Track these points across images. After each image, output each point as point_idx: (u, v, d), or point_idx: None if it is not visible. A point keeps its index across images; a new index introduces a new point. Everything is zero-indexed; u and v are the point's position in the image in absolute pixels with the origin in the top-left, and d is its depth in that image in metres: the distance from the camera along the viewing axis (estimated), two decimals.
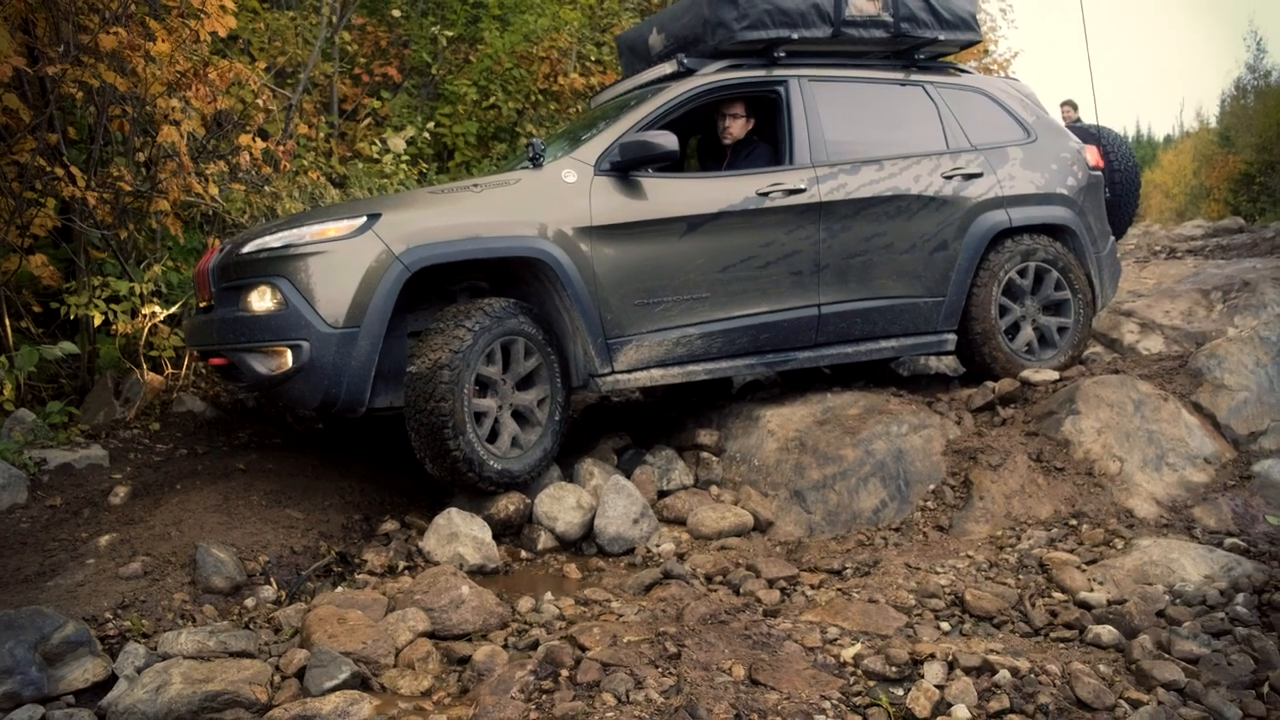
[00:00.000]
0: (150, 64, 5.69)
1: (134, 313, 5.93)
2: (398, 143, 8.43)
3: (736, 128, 5.87)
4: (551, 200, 4.93)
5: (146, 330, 5.97)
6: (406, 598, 3.84)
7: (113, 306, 5.82)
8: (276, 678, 3.37)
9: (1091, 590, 3.73)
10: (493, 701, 3.01)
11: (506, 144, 10.17)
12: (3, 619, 3.32)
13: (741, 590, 4.02)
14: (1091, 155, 6.59)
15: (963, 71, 6.54)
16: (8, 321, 5.65)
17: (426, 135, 9.10)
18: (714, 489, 5.13)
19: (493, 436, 4.76)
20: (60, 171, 5.60)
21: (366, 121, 9.57)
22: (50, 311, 5.96)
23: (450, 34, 9.84)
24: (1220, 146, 32.99)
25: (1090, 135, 8.52)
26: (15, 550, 4.30)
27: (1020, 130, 6.36)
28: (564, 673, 3.14)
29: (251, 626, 3.83)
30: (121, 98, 5.90)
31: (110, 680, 3.38)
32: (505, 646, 3.61)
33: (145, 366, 6.02)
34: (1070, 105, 10.22)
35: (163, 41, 5.67)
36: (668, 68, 5.80)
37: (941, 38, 6.12)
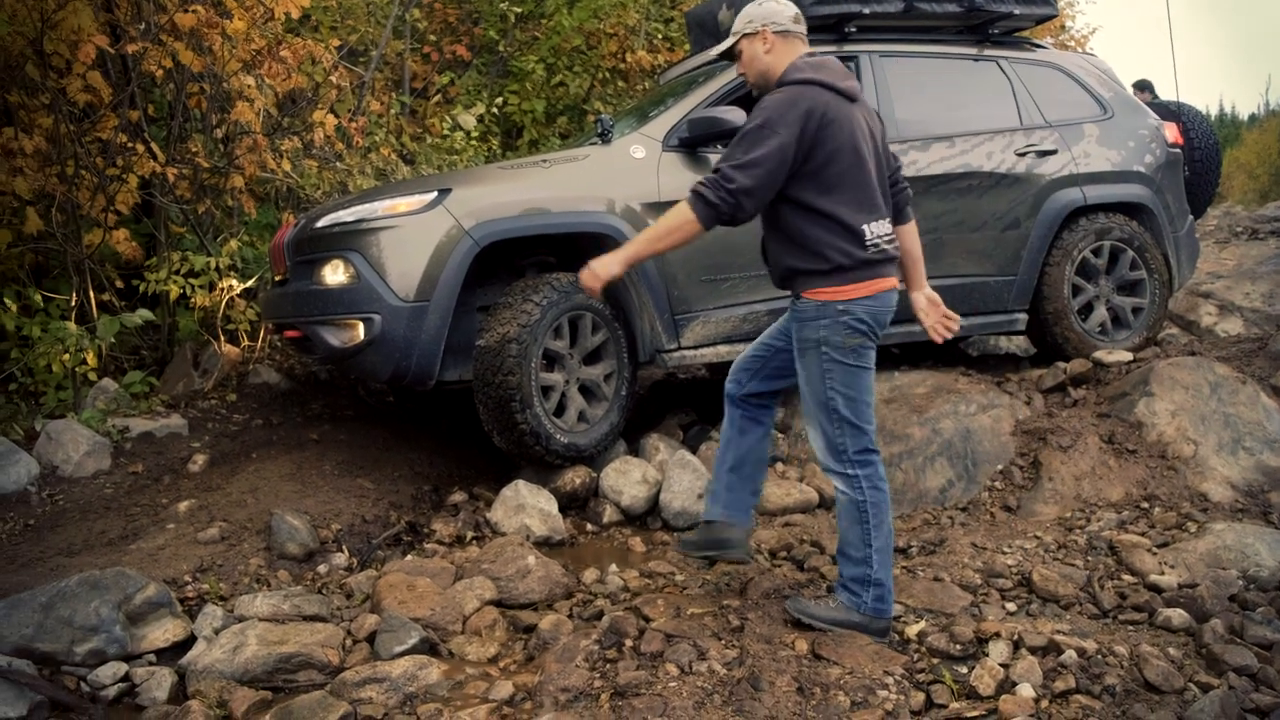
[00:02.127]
0: (226, 42, 5.80)
1: (211, 286, 6.07)
2: (468, 119, 8.50)
3: None
4: (620, 176, 4.94)
5: (224, 303, 6.11)
6: (474, 567, 3.90)
7: (191, 281, 5.96)
8: (348, 641, 3.46)
9: (1162, 573, 3.68)
10: (558, 669, 3.06)
11: (568, 120, 10.19)
12: (89, 579, 3.44)
13: (805, 566, 4.02)
14: (1170, 132, 6.44)
15: (1038, 47, 6.42)
16: (92, 294, 5.81)
17: (494, 112, 9.15)
18: (779, 466, 5.13)
19: (560, 411, 4.81)
20: (141, 148, 5.74)
21: (436, 99, 9.65)
22: (131, 286, 6.12)
23: (519, 10, 9.87)
24: None
25: (1170, 112, 8.33)
26: (100, 514, 4.45)
27: (1097, 107, 6.23)
28: (628, 642, 3.18)
29: (324, 592, 3.92)
30: (199, 76, 6.02)
31: (189, 640, 3.50)
32: (570, 616, 3.66)
33: (223, 339, 6.17)
34: (1141, 87, 9.93)
35: (239, 19, 5.77)
36: None
37: (1016, 12, 6.00)
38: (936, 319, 3.55)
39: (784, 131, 3.12)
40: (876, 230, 3.23)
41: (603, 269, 3.29)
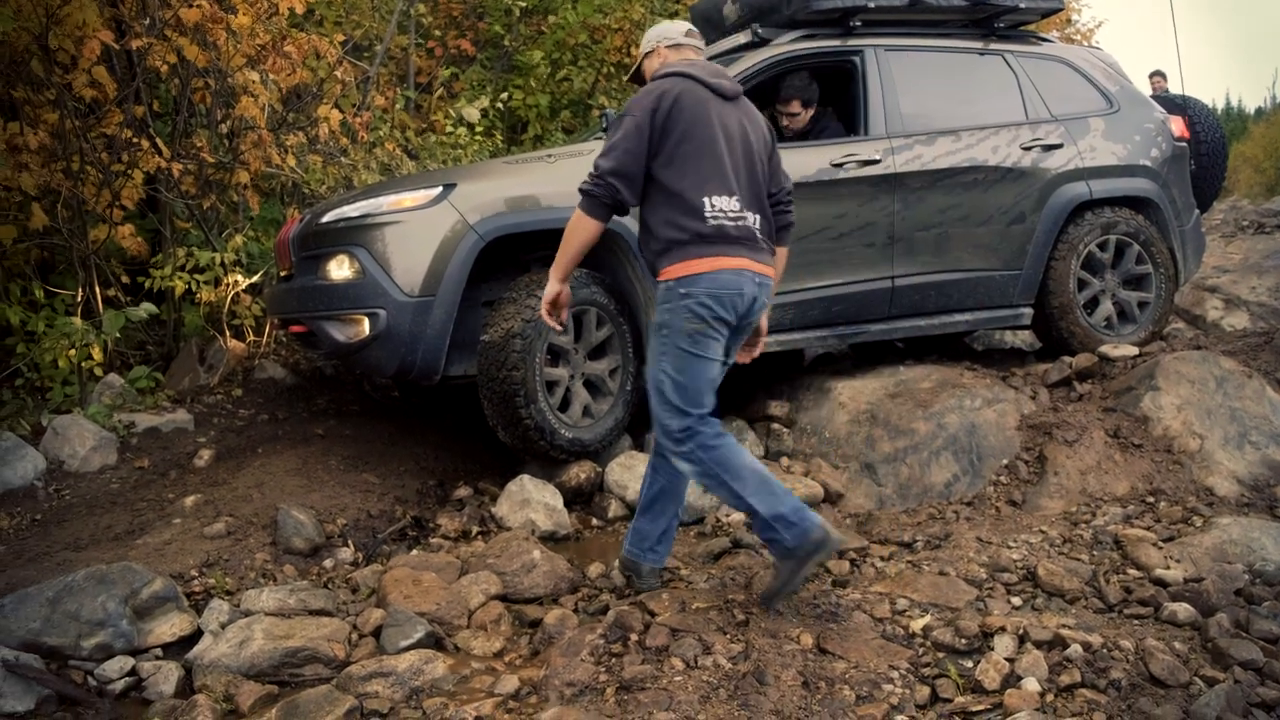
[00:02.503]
0: (231, 37, 5.81)
1: (217, 282, 6.07)
2: (472, 112, 8.49)
3: (797, 123, 5.71)
4: None
5: (229, 299, 6.12)
6: (479, 561, 3.91)
7: (196, 276, 5.96)
8: (354, 636, 3.47)
9: (1168, 568, 3.68)
10: (563, 663, 3.07)
11: (572, 115, 10.18)
12: (96, 574, 3.45)
13: None
14: (1177, 126, 6.42)
15: (1044, 41, 6.41)
16: (97, 290, 5.82)
17: (499, 107, 9.15)
18: (784, 460, 5.13)
19: (565, 405, 4.80)
20: (146, 144, 5.74)
21: (440, 93, 9.66)
22: (137, 282, 6.14)
23: (523, 4, 9.86)
24: None
25: (1177, 106, 8.31)
26: (106, 509, 4.46)
27: (1103, 100, 6.21)
28: (633, 637, 3.18)
29: (330, 586, 3.93)
30: (203, 71, 6.02)
31: (196, 635, 3.51)
32: (575, 611, 3.66)
33: (228, 334, 6.17)
34: (1160, 75, 10.00)
35: (243, 14, 5.78)
36: (742, 38, 5.75)
37: (1022, 5, 5.98)
38: (745, 348, 3.75)
39: (638, 114, 3.33)
40: (720, 204, 3.33)
41: (547, 295, 3.49)
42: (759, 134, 3.53)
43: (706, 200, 3.29)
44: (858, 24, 5.66)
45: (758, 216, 3.43)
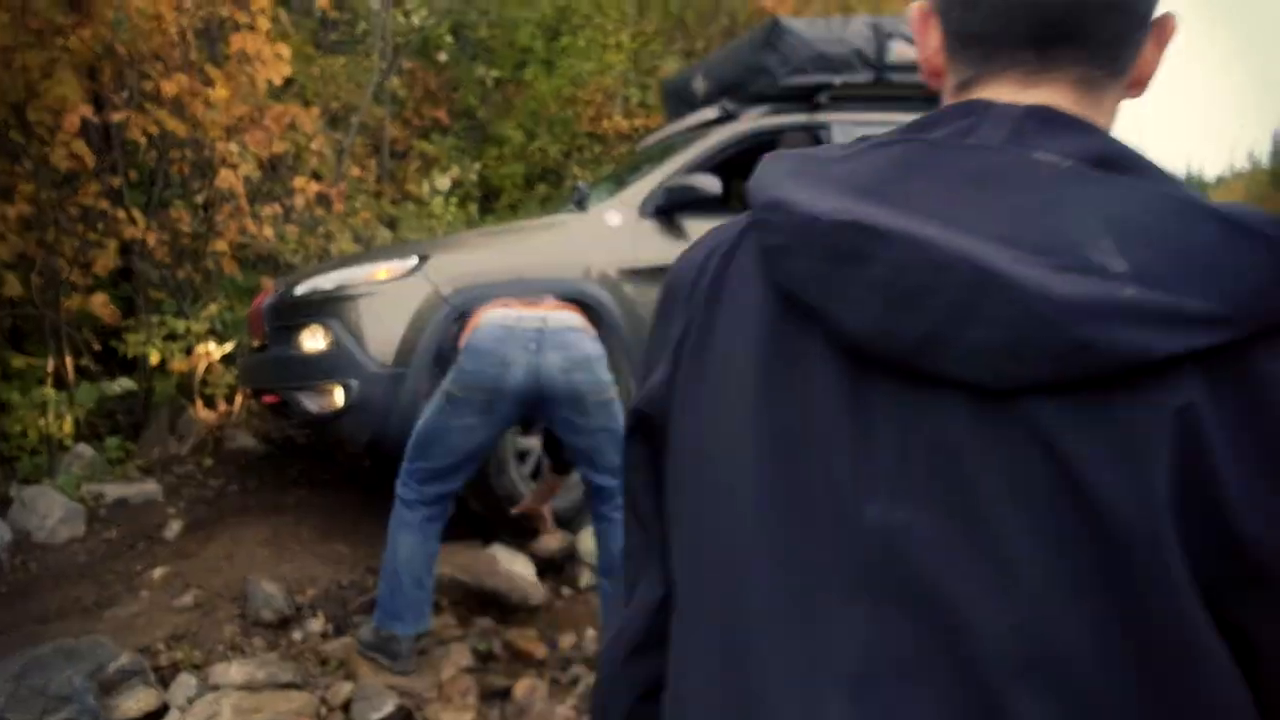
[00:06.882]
0: (209, 109, 5.88)
1: (189, 350, 6.07)
2: (444, 181, 8.60)
3: None
4: (596, 243, 5.01)
5: (202, 368, 6.12)
6: (450, 632, 3.90)
7: (169, 345, 5.96)
8: (323, 710, 3.45)
9: None
10: None
11: (549, 185, 10.32)
12: (63, 648, 3.43)
13: None
14: None
15: None
16: (69, 359, 5.81)
17: (474, 177, 9.27)
18: None
19: (536, 474, 4.82)
20: (122, 214, 5.78)
21: (416, 164, 9.77)
22: (109, 349, 6.13)
23: (497, 75, 10.03)
24: (1273, 187, 32.53)
25: None
26: (74, 581, 4.43)
27: None
28: None
29: (299, 659, 3.90)
30: (181, 142, 6.09)
31: (163, 710, 3.47)
32: (546, 681, 3.65)
33: (199, 403, 6.16)
34: None
35: (221, 88, 5.85)
36: (711, 113, 5.88)
37: None
38: None
39: None
40: None
41: None
42: None
43: None
44: (824, 99, 5.80)
45: None
